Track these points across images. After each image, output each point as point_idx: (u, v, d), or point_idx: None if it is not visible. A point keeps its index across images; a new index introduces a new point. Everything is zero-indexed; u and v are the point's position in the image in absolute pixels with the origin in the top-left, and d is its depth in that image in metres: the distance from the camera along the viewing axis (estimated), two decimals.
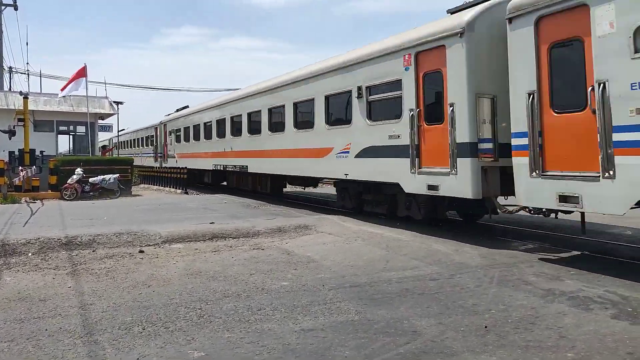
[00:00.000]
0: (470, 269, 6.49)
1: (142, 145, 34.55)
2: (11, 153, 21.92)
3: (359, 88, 10.72)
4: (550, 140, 6.86)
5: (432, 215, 9.92)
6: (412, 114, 9.19)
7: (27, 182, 19.44)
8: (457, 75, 8.26)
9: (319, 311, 5.00)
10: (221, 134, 18.69)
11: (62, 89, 24.08)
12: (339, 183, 12.67)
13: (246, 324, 4.67)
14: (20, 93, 23.49)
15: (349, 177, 11.20)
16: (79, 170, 18.51)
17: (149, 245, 8.53)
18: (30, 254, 7.86)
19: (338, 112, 11.84)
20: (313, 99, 12.50)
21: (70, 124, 27.23)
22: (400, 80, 9.54)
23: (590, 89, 6.29)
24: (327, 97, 12.02)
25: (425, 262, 6.97)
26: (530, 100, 7.01)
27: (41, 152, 23.05)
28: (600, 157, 6.12)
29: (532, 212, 7.83)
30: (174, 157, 25.33)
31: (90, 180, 18.47)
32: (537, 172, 6.93)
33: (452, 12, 9.14)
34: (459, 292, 5.54)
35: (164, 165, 27.06)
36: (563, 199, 6.58)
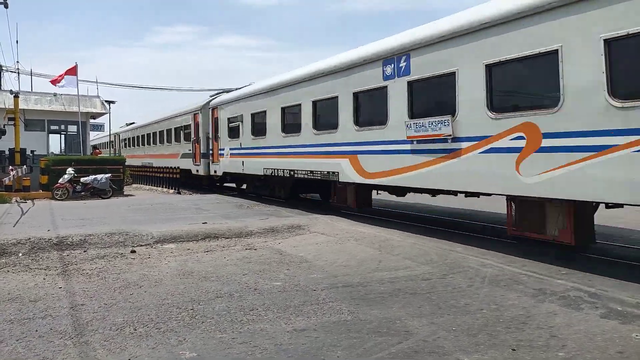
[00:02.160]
0: (462, 269, 6.52)
1: (166, 142, 25.02)
2: (1, 152, 21.72)
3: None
4: None
5: None
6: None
7: (17, 182, 19.28)
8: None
9: (311, 311, 5.00)
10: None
11: (55, 82, 23.82)
12: None
13: (238, 324, 4.66)
14: (11, 92, 23.27)
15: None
16: (70, 170, 18.36)
17: (141, 245, 8.49)
18: (20, 254, 7.79)
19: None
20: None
21: (61, 123, 27.05)
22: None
23: None
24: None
25: (417, 262, 6.99)
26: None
27: (32, 151, 22.87)
28: None
29: None
30: (234, 157, 16.68)
31: (82, 180, 18.33)
32: None
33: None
34: (451, 292, 5.56)
35: (213, 169, 18.86)
36: None
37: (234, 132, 16.73)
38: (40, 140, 25.92)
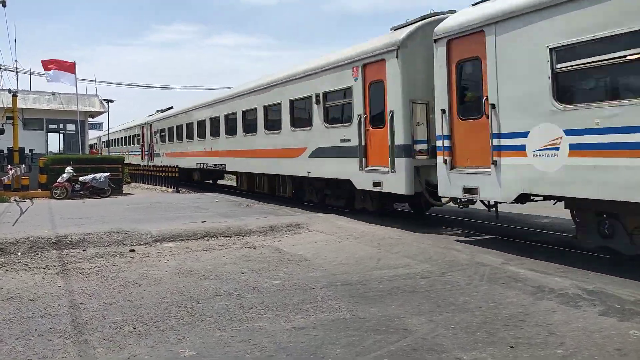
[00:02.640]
0: (461, 267, 6.53)
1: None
2: (0, 152, 21.70)
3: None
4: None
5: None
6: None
7: (16, 181, 19.26)
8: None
9: (310, 309, 5.01)
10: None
11: (48, 69, 23.62)
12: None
13: (237, 322, 4.67)
14: (9, 91, 23.23)
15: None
16: (69, 169, 18.35)
17: (140, 244, 8.50)
18: (19, 254, 7.79)
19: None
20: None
21: (60, 122, 27.03)
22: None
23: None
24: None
25: (416, 260, 7.00)
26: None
27: (31, 150, 22.84)
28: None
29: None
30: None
31: (81, 179, 18.32)
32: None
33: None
34: (450, 290, 5.57)
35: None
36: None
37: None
38: (39, 139, 25.90)
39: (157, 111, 27.56)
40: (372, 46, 10.16)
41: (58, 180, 18.09)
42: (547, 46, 6.52)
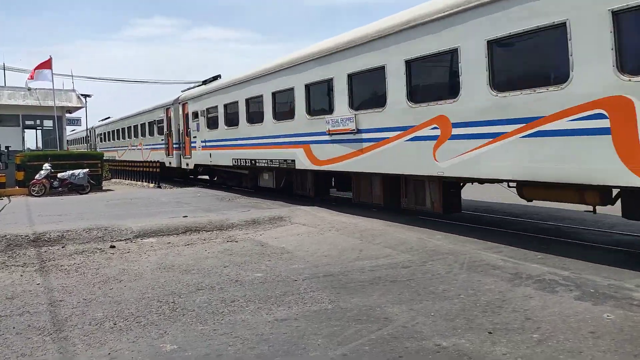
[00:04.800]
0: (441, 256, 6.62)
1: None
2: None
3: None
4: None
5: None
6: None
7: None
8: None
9: (292, 301, 5.04)
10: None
11: (30, 78, 23.41)
12: None
13: (219, 315, 4.68)
14: None
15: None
16: (47, 166, 18.04)
17: (120, 240, 8.41)
18: None
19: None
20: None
21: (36, 118, 26.44)
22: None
23: None
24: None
25: (398, 250, 7.07)
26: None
27: (7, 147, 22.34)
28: None
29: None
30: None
31: (59, 175, 18.03)
32: None
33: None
34: (430, 279, 5.65)
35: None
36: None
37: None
38: (15, 135, 25.29)
39: (199, 85, 19.26)
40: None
41: (36, 177, 17.77)
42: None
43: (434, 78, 8.68)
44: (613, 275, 5.43)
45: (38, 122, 26.77)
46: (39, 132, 27.40)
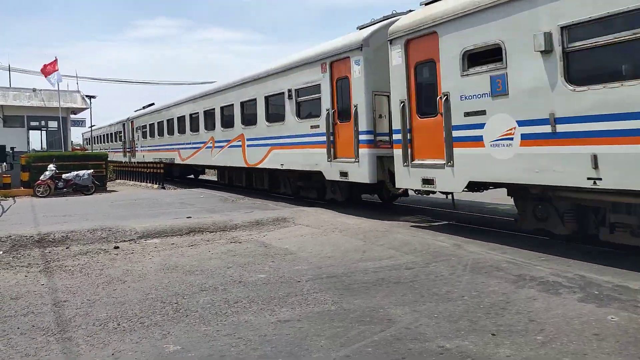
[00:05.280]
0: (445, 257, 6.60)
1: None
2: None
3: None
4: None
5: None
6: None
7: None
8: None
9: (295, 302, 5.04)
10: None
11: (46, 75, 23.64)
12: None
13: (223, 316, 4.68)
14: None
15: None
16: (51, 167, 18.11)
17: (124, 241, 8.44)
18: (1, 252, 7.69)
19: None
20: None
21: (41, 119, 26.55)
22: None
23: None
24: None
25: (401, 252, 7.06)
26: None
27: (12, 148, 22.46)
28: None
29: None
30: None
31: (64, 176, 18.09)
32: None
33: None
34: (433, 280, 5.64)
35: None
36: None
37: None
38: (20, 136, 25.41)
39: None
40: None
41: (40, 178, 17.84)
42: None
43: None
44: (617, 277, 5.40)
45: (43, 123, 26.89)
46: (44, 133, 27.52)
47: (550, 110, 6.32)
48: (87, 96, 28.45)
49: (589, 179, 5.91)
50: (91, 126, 38.89)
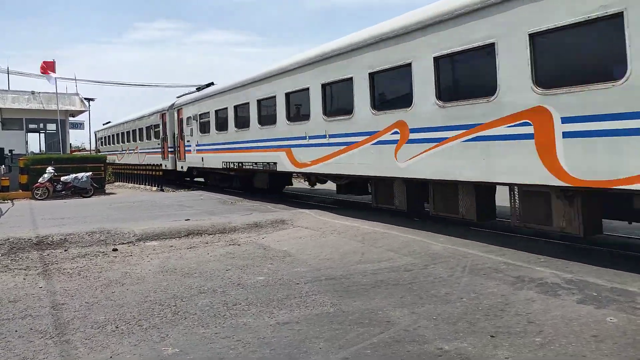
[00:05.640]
0: (443, 259, 6.60)
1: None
2: None
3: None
4: None
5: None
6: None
7: None
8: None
9: (294, 304, 5.03)
10: None
11: (45, 72, 23.66)
12: None
13: (221, 319, 4.68)
14: None
15: None
16: (50, 169, 18.08)
17: (123, 243, 8.43)
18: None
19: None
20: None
21: (40, 122, 26.59)
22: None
23: None
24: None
25: (400, 254, 7.06)
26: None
27: (10, 151, 22.43)
28: None
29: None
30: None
31: (62, 179, 18.07)
32: None
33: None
34: (432, 282, 5.64)
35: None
36: None
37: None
38: (19, 139, 25.40)
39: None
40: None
41: (39, 181, 17.82)
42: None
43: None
44: (616, 279, 5.40)
45: (41, 125, 26.89)
46: (43, 135, 27.52)
47: None
48: (86, 99, 28.43)
49: None
50: (106, 123, 35.00)
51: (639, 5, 5.39)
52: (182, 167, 20.38)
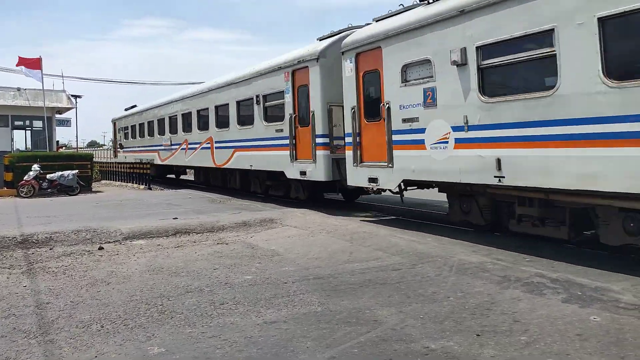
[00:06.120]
0: (431, 259, 6.63)
1: None
2: None
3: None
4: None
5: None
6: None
7: None
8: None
9: (282, 304, 5.02)
10: None
11: (24, 65, 23.22)
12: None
13: (208, 318, 4.65)
14: None
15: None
16: (36, 167, 17.86)
17: (109, 242, 8.35)
18: None
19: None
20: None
21: (26, 119, 26.22)
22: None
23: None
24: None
25: (388, 253, 7.08)
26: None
27: None
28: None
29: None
30: None
31: (48, 176, 17.85)
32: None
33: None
34: (419, 281, 5.66)
35: None
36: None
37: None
38: (4, 136, 25.04)
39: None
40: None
41: (25, 178, 17.59)
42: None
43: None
44: (600, 278, 5.46)
45: (27, 122, 26.55)
46: (29, 132, 27.18)
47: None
48: (73, 96, 28.11)
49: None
50: (130, 107, 26.44)
51: None
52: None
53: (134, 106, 24.73)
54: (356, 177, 9.73)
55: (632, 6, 5.31)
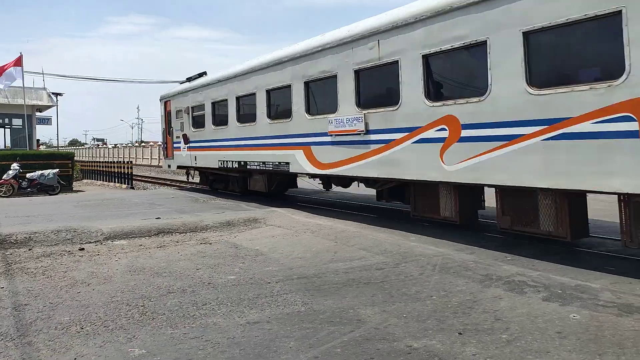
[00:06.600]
0: (415, 258, 6.67)
1: None
2: None
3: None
4: None
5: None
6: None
7: None
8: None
9: (265, 304, 5.00)
10: None
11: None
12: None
13: (190, 319, 4.61)
14: None
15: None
16: (15, 166, 17.55)
17: (90, 242, 8.23)
18: None
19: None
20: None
21: (5, 117, 25.79)
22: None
23: None
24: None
25: (372, 252, 7.09)
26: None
27: None
28: None
29: None
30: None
31: (28, 175, 17.57)
32: None
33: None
34: (403, 281, 5.68)
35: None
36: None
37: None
38: None
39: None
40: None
41: (3, 177, 17.29)
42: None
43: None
44: (580, 277, 5.55)
45: (7, 120, 26.08)
46: (8, 131, 26.70)
47: None
48: (53, 93, 27.66)
49: None
50: (195, 76, 16.13)
51: None
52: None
53: (203, 74, 15.97)
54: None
55: None
